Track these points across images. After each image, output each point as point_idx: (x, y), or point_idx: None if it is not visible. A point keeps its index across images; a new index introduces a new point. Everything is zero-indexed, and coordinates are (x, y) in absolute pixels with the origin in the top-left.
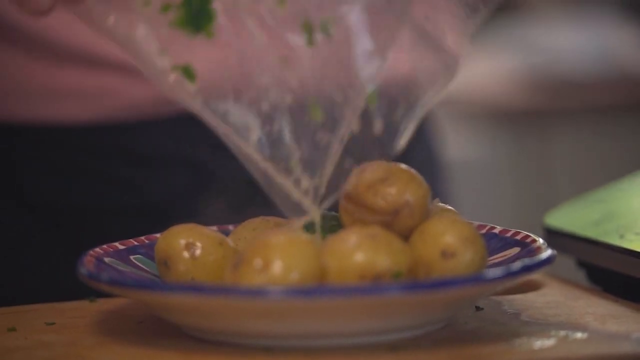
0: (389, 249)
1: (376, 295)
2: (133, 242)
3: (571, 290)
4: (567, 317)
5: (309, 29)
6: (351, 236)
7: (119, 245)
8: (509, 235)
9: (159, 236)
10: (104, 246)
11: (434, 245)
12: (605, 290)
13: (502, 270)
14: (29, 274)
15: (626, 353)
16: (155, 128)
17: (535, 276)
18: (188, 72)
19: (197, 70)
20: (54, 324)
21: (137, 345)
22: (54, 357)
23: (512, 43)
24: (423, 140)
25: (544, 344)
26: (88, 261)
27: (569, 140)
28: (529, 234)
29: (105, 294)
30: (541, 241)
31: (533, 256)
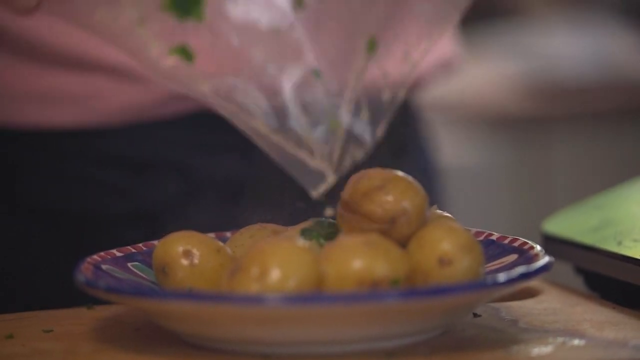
0: (386, 256)
1: (374, 302)
2: (130, 249)
3: (569, 297)
4: (564, 323)
5: None
6: (349, 243)
7: (116, 253)
8: (506, 242)
9: (156, 243)
10: (102, 253)
11: (431, 252)
12: (603, 297)
13: (500, 278)
14: (25, 281)
15: None
16: (146, 132)
17: (533, 283)
18: (186, 52)
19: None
20: (52, 331)
21: (135, 352)
22: None
23: (510, 49)
24: (420, 147)
25: (541, 351)
26: (85, 268)
27: (567, 147)
28: (526, 240)
29: (102, 301)
30: (539, 248)
31: (531, 263)
